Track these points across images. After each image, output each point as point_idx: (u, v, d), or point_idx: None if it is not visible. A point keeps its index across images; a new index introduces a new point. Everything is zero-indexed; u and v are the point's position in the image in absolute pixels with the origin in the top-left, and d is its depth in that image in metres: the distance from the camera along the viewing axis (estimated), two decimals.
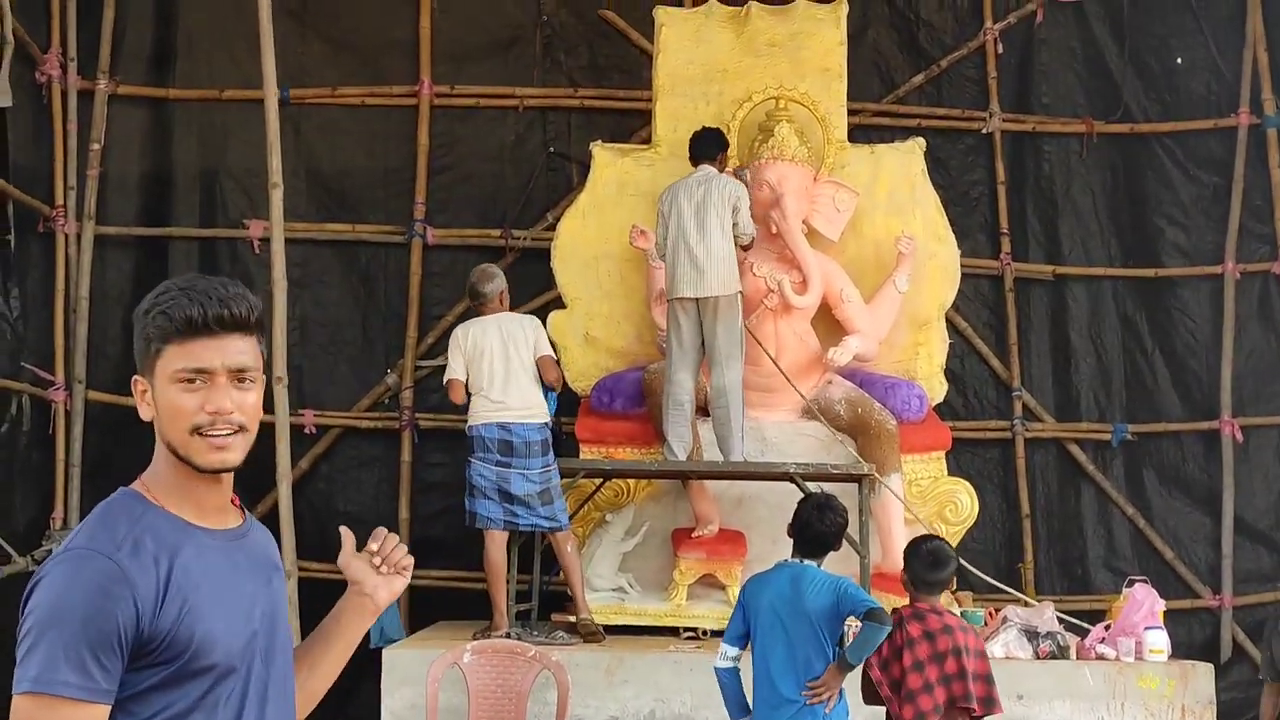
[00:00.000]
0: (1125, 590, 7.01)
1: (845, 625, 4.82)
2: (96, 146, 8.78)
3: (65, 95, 8.64)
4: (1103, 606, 8.11)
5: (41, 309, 8.36)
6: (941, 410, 8.15)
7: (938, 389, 7.98)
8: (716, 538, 7.22)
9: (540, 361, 6.87)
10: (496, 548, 6.80)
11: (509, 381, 6.80)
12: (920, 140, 8.21)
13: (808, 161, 7.73)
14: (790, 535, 4.99)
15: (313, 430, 8.85)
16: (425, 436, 8.95)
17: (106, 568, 1.94)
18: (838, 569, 5.18)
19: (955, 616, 5.03)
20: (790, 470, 6.81)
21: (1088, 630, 6.91)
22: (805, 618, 4.69)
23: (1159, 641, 6.54)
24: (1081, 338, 9.41)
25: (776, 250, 7.65)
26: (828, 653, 4.69)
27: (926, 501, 7.55)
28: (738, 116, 7.83)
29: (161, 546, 2.00)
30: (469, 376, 6.87)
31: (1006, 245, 9.36)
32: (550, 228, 8.71)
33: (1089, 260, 9.45)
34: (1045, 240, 9.51)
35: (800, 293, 7.48)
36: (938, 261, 7.95)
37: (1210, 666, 6.68)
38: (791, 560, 4.93)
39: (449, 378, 6.93)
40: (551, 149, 9.34)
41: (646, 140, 8.45)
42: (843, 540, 5.06)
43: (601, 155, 8.13)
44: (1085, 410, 9.36)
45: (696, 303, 6.99)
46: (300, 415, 8.57)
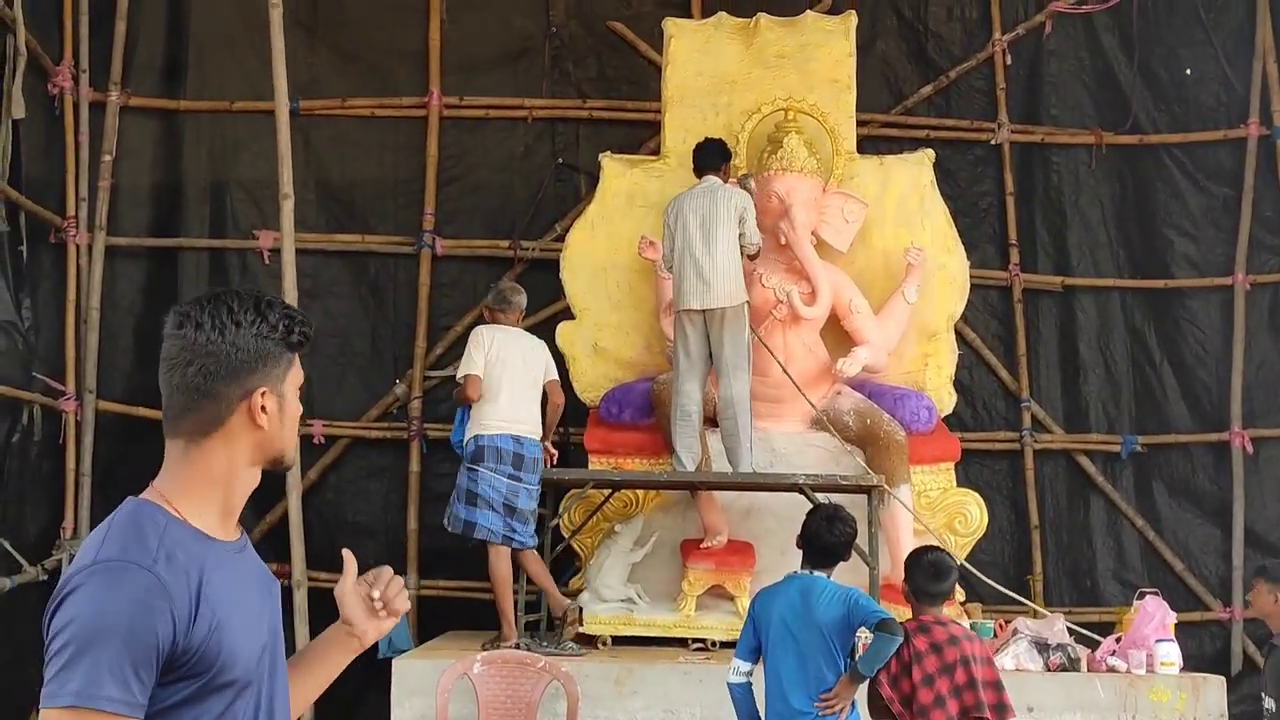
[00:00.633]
0: (1136, 602, 6.97)
1: (856, 636, 4.80)
2: (108, 158, 8.81)
3: (77, 107, 8.67)
4: (1112, 618, 8.09)
5: (53, 319, 8.38)
6: (950, 421, 8.14)
7: (946, 400, 7.96)
8: (725, 548, 7.19)
9: (550, 385, 7.00)
10: (502, 560, 6.81)
11: (523, 397, 6.86)
12: (929, 151, 8.22)
13: (816, 173, 7.73)
14: (799, 546, 4.98)
15: (321, 440, 8.86)
16: (434, 447, 8.94)
17: (146, 581, 1.92)
18: (847, 580, 5.15)
19: (960, 626, 5.00)
20: (799, 481, 6.79)
21: (1098, 642, 6.88)
22: (816, 629, 4.67)
23: (1170, 654, 6.50)
24: (1090, 349, 9.39)
25: (785, 261, 7.64)
26: (839, 664, 4.67)
27: (936, 513, 7.53)
28: (746, 128, 7.84)
29: (190, 559, 2.00)
30: (487, 379, 6.83)
31: (1015, 256, 9.36)
32: (559, 238, 8.72)
33: (1098, 271, 9.44)
34: (1054, 251, 9.50)
35: (809, 304, 7.48)
36: (946, 273, 7.94)
37: (1221, 679, 6.65)
38: (801, 572, 4.91)
39: (469, 372, 6.82)
40: (560, 160, 9.35)
41: (655, 151, 8.47)
42: (852, 551, 5.03)
43: (610, 166, 8.13)
44: (1094, 422, 9.33)
45: (703, 314, 6.98)
46: (309, 425, 8.58)
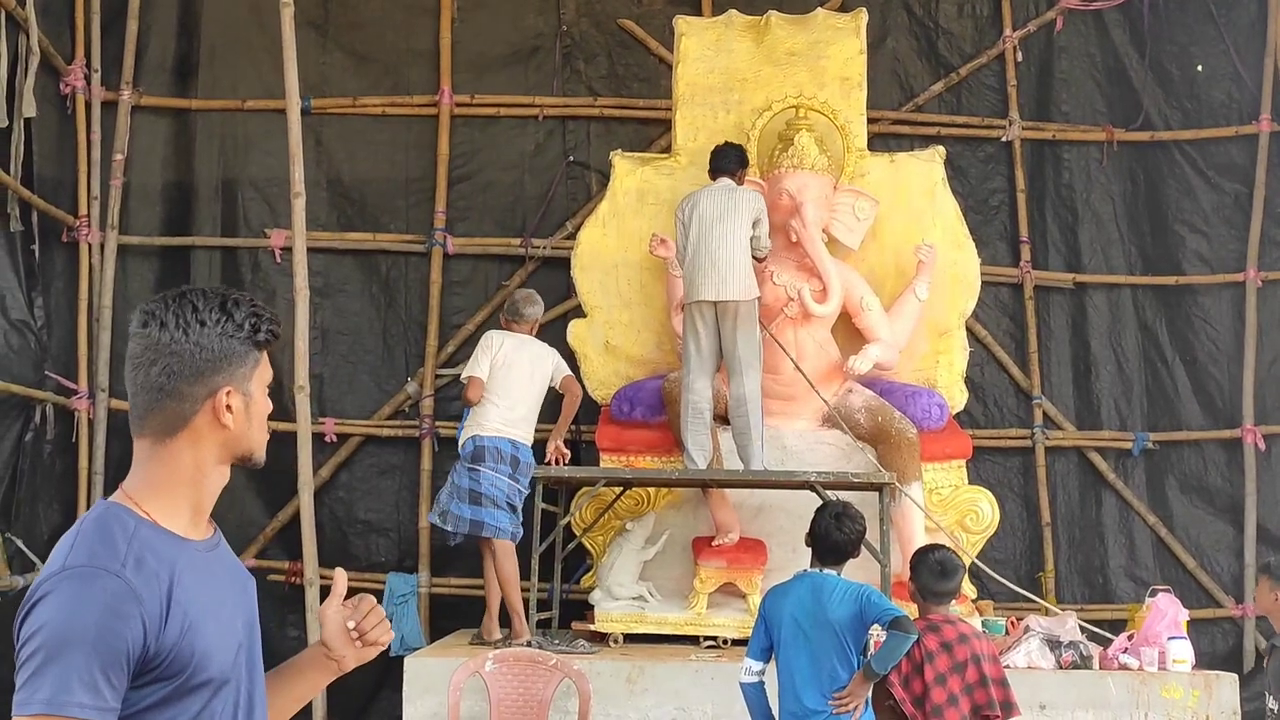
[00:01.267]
0: (1148, 599, 6.95)
1: (869, 634, 4.78)
2: (120, 157, 8.83)
3: (89, 106, 8.68)
4: (1124, 616, 8.06)
5: (65, 318, 8.40)
6: (962, 419, 8.12)
7: (958, 397, 7.95)
8: (737, 546, 7.19)
9: (565, 381, 7.10)
10: (510, 558, 6.87)
11: (523, 403, 6.99)
12: (940, 149, 8.20)
13: (827, 170, 7.71)
14: (808, 544, 4.96)
15: (333, 438, 8.87)
16: (445, 445, 8.93)
17: (115, 586, 1.92)
18: (859, 578, 5.14)
19: (967, 624, 4.99)
20: (810, 478, 6.78)
21: (1110, 640, 6.86)
22: (828, 627, 4.65)
23: (1182, 651, 6.49)
24: (1102, 346, 9.36)
25: (796, 259, 7.63)
26: (852, 661, 4.65)
27: (947, 510, 7.52)
28: (758, 125, 7.82)
29: (160, 562, 1.98)
30: (491, 383, 6.97)
31: (1026, 253, 9.33)
32: (570, 236, 8.72)
33: (1109, 268, 9.41)
34: (1065, 248, 9.47)
35: (820, 301, 7.46)
36: (958, 270, 7.92)
37: (1234, 676, 6.63)
38: (811, 570, 4.89)
39: (472, 374, 7.00)
40: (571, 158, 9.34)
41: (666, 149, 8.46)
42: (861, 548, 5.01)
43: (621, 164, 8.13)
44: (1106, 418, 9.30)
45: (715, 307, 6.98)
46: (321, 424, 8.60)
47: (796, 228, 7.54)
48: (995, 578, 7.55)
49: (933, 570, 4.88)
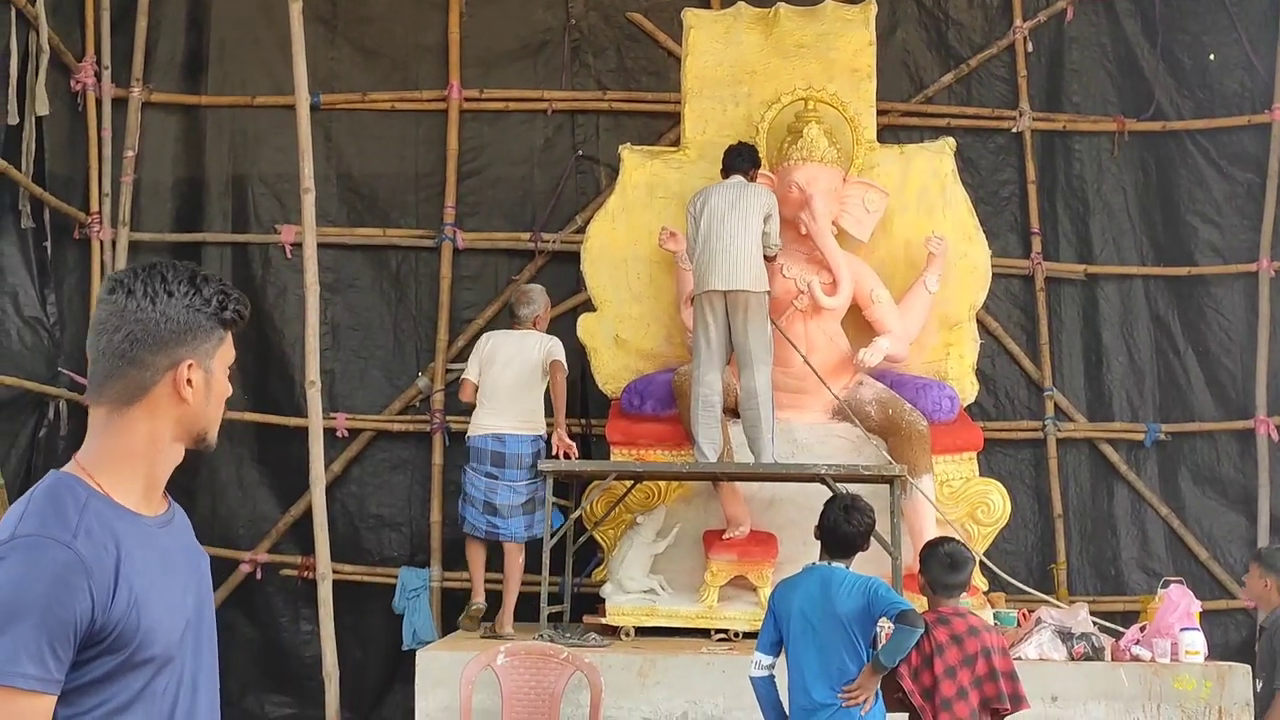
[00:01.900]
0: (1160, 591, 6.94)
1: (878, 627, 4.79)
2: (130, 153, 8.87)
3: (100, 103, 8.73)
4: (1136, 607, 8.05)
5: (77, 314, 8.43)
6: (973, 411, 8.10)
7: (969, 389, 7.94)
8: (748, 539, 7.20)
9: (552, 366, 7.15)
10: (474, 550, 7.31)
11: (508, 396, 7.15)
12: (950, 140, 8.18)
13: (837, 162, 7.70)
14: (817, 537, 4.95)
15: (345, 433, 8.89)
16: (456, 439, 8.94)
17: (64, 556, 1.91)
18: (870, 571, 5.14)
19: (977, 617, 4.98)
20: (821, 471, 6.79)
21: (1122, 631, 6.86)
22: (836, 620, 4.65)
23: (1195, 643, 6.47)
24: (1114, 337, 9.33)
25: (806, 251, 7.63)
26: (861, 655, 4.65)
27: (958, 502, 7.51)
28: (766, 118, 7.82)
29: (109, 534, 1.98)
30: (480, 383, 7.28)
31: (1037, 245, 9.30)
32: (579, 230, 8.72)
33: (1121, 259, 9.38)
34: (1076, 239, 9.44)
35: (830, 294, 7.46)
36: (968, 261, 7.91)
37: (1247, 668, 6.59)
38: (820, 563, 4.89)
39: (463, 377, 7.46)
40: (580, 152, 9.33)
41: (675, 142, 8.46)
42: (870, 541, 5.01)
43: (630, 158, 8.13)
44: (1118, 410, 9.28)
45: (725, 298, 6.98)
46: (332, 419, 8.62)
47: (806, 220, 7.53)
48: (1000, 574, 7.52)
49: (943, 563, 4.88)
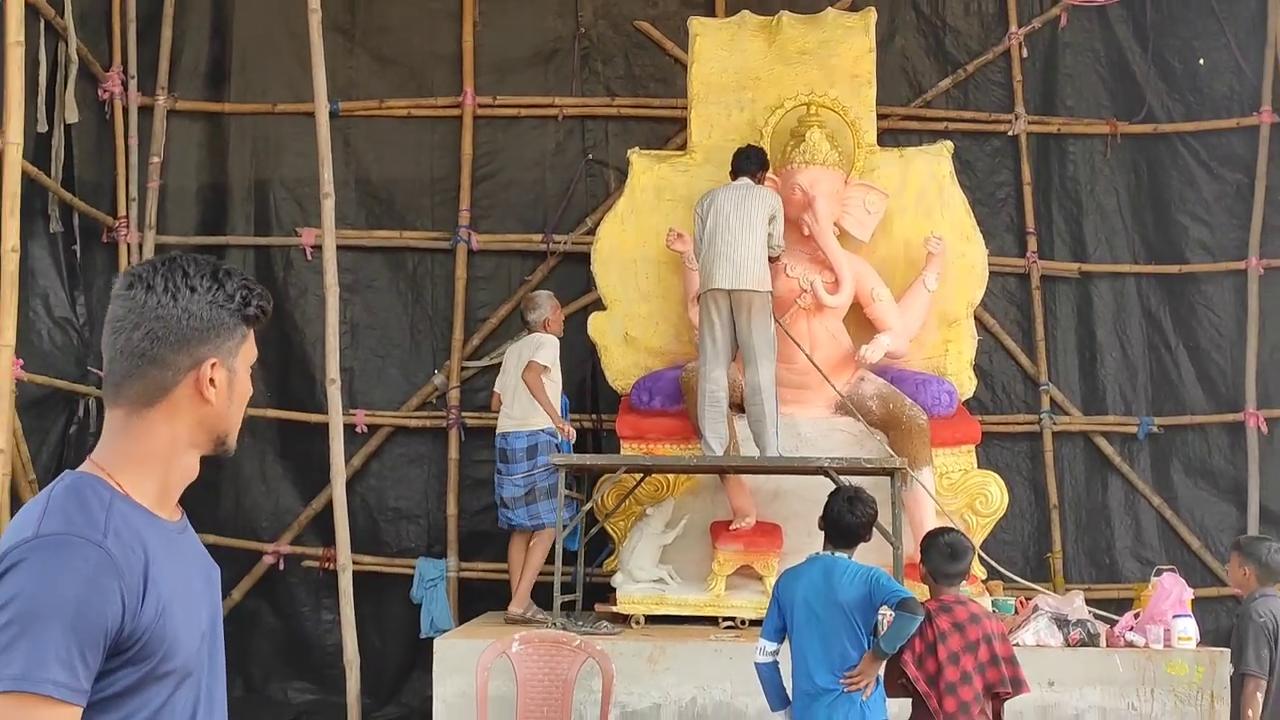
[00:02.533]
0: (1153, 579, 6.93)
1: (879, 615, 4.78)
2: (156, 160, 8.89)
3: (126, 111, 8.74)
4: (1130, 595, 8.04)
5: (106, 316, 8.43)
6: (971, 405, 8.10)
7: (967, 384, 7.93)
8: (753, 530, 7.19)
9: (527, 365, 7.18)
10: (514, 544, 7.43)
11: (513, 394, 7.28)
12: (948, 143, 8.17)
13: (839, 165, 7.69)
14: (821, 528, 4.95)
15: (364, 429, 8.90)
16: (471, 434, 8.98)
17: (96, 556, 1.72)
18: (872, 561, 5.14)
19: (978, 604, 4.98)
20: (824, 464, 6.78)
21: (1116, 618, 6.85)
22: (839, 608, 4.65)
23: (1187, 629, 6.46)
24: (1107, 333, 9.31)
25: (809, 251, 7.62)
26: (862, 642, 4.65)
27: (957, 494, 7.50)
28: (770, 122, 7.81)
29: (135, 536, 1.80)
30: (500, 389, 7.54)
31: (1033, 244, 9.29)
32: (590, 232, 8.72)
33: (1114, 258, 9.37)
34: (1070, 239, 9.43)
35: (832, 292, 7.46)
36: (966, 261, 7.90)
37: None
38: (823, 553, 4.89)
39: (495, 390, 7.69)
40: (590, 156, 9.34)
41: (682, 147, 8.46)
42: (872, 531, 5.01)
43: (639, 162, 8.12)
44: (1111, 404, 9.27)
45: (730, 297, 6.98)
46: (352, 415, 8.63)
47: (809, 221, 7.53)
48: (996, 567, 7.51)
49: (943, 553, 4.87)
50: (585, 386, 8.75)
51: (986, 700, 4.70)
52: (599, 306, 8.13)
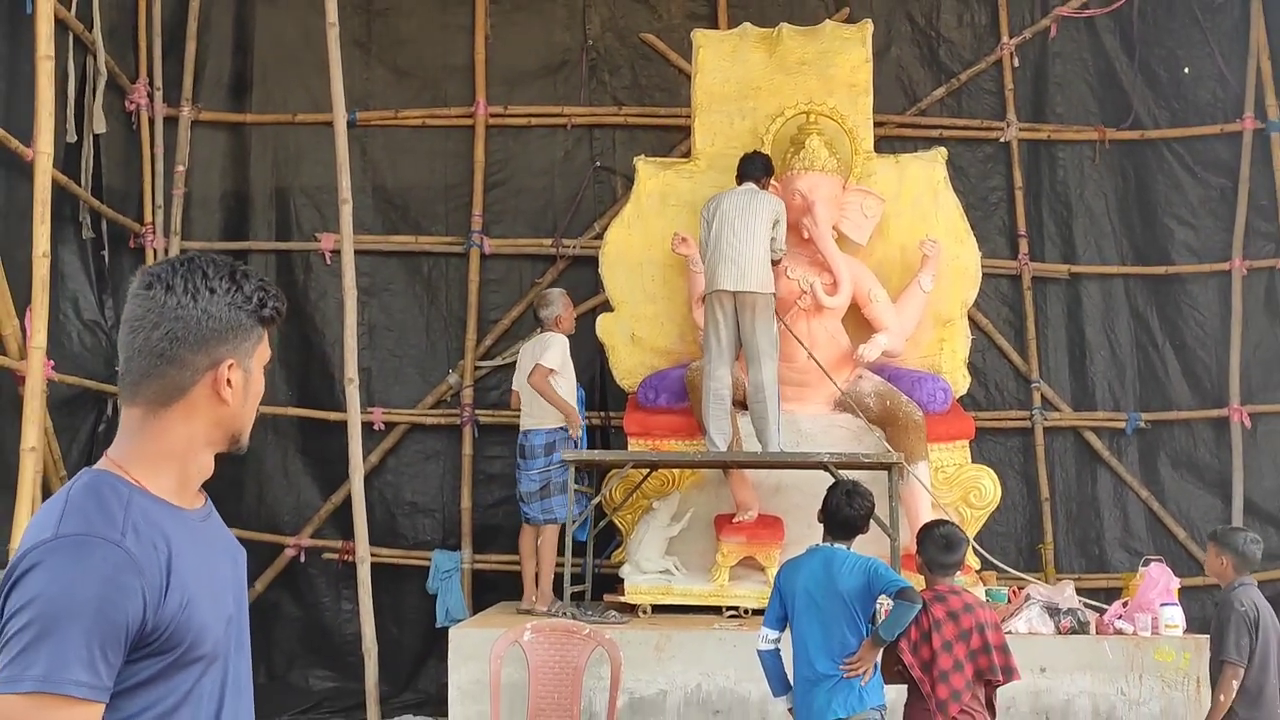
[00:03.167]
0: (1141, 569, 6.93)
1: (877, 603, 4.79)
2: (181, 168, 8.91)
3: (152, 122, 8.76)
4: (1119, 584, 8.04)
5: None
6: (965, 402, 8.10)
7: (961, 382, 7.93)
8: (756, 523, 7.20)
9: (534, 368, 7.16)
10: (523, 536, 7.34)
11: (532, 394, 7.22)
12: (942, 150, 8.17)
13: (837, 171, 7.70)
14: (820, 521, 4.95)
15: (381, 427, 8.92)
16: (485, 431, 8.99)
17: (116, 556, 1.69)
18: (870, 552, 5.14)
19: (971, 594, 4.97)
20: (824, 459, 6.78)
21: (1106, 607, 6.85)
22: (839, 598, 4.65)
23: (1174, 617, 6.46)
24: (1096, 332, 9.31)
25: (808, 254, 7.63)
26: (861, 629, 4.65)
27: (952, 487, 7.50)
28: (771, 130, 7.82)
29: (157, 531, 1.76)
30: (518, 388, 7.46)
31: (1024, 247, 9.30)
32: (598, 236, 8.73)
33: (1102, 259, 9.36)
34: (1061, 241, 9.42)
35: (831, 294, 7.47)
36: (959, 263, 7.90)
37: None
38: (823, 544, 4.89)
39: (513, 388, 7.59)
40: (598, 163, 9.35)
41: (686, 154, 8.47)
42: (870, 523, 5.01)
43: (645, 168, 8.13)
44: (1101, 400, 9.26)
45: (734, 298, 6.98)
46: (370, 413, 8.65)
47: (808, 225, 7.54)
48: (989, 559, 7.51)
49: (938, 544, 4.86)
50: (594, 385, 8.76)
51: (978, 686, 4.69)
52: (607, 308, 8.14)
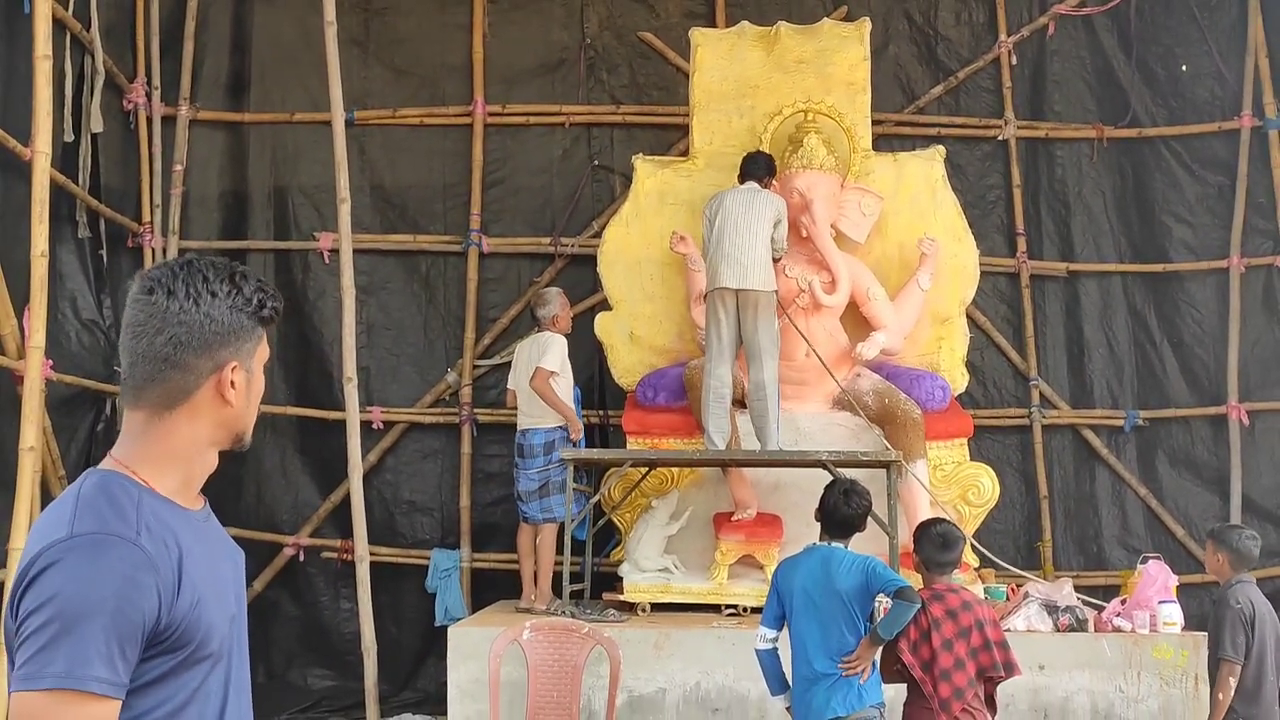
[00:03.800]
0: (1139, 566, 6.92)
1: (875, 602, 4.78)
2: (179, 167, 8.89)
3: (150, 121, 8.75)
4: (1117, 582, 8.03)
5: None
6: (963, 400, 8.09)
7: (959, 380, 7.92)
8: (755, 521, 7.19)
9: (535, 370, 7.13)
10: (521, 535, 7.31)
11: (530, 394, 7.20)
12: (940, 148, 8.16)
13: (835, 170, 7.69)
14: (817, 519, 4.93)
15: (380, 426, 8.91)
16: (483, 430, 8.98)
17: (133, 554, 1.72)
18: (869, 550, 5.13)
19: (969, 591, 4.96)
20: (823, 457, 6.78)
21: (1104, 605, 6.84)
22: (837, 596, 4.64)
23: (1172, 614, 6.45)
24: (1094, 330, 9.31)
25: (807, 253, 7.62)
26: (859, 628, 4.64)
27: (951, 485, 7.49)
28: (769, 129, 7.81)
29: (167, 531, 1.79)
30: (515, 387, 7.45)
31: (1022, 245, 9.29)
32: (596, 235, 8.72)
33: (1100, 257, 9.36)
34: (1059, 239, 9.42)
35: (829, 292, 7.46)
36: (958, 261, 7.89)
37: None
38: (820, 543, 4.88)
39: (508, 387, 7.61)
40: (596, 162, 9.33)
41: (684, 152, 8.45)
42: (868, 522, 4.99)
43: (643, 167, 8.12)
44: (1099, 398, 9.26)
45: (737, 297, 6.97)
46: (369, 412, 8.63)
47: (807, 224, 7.53)
48: (990, 557, 7.50)
49: (935, 542, 4.85)
50: (592, 384, 8.75)
51: (979, 684, 4.69)
52: (605, 307, 8.13)
